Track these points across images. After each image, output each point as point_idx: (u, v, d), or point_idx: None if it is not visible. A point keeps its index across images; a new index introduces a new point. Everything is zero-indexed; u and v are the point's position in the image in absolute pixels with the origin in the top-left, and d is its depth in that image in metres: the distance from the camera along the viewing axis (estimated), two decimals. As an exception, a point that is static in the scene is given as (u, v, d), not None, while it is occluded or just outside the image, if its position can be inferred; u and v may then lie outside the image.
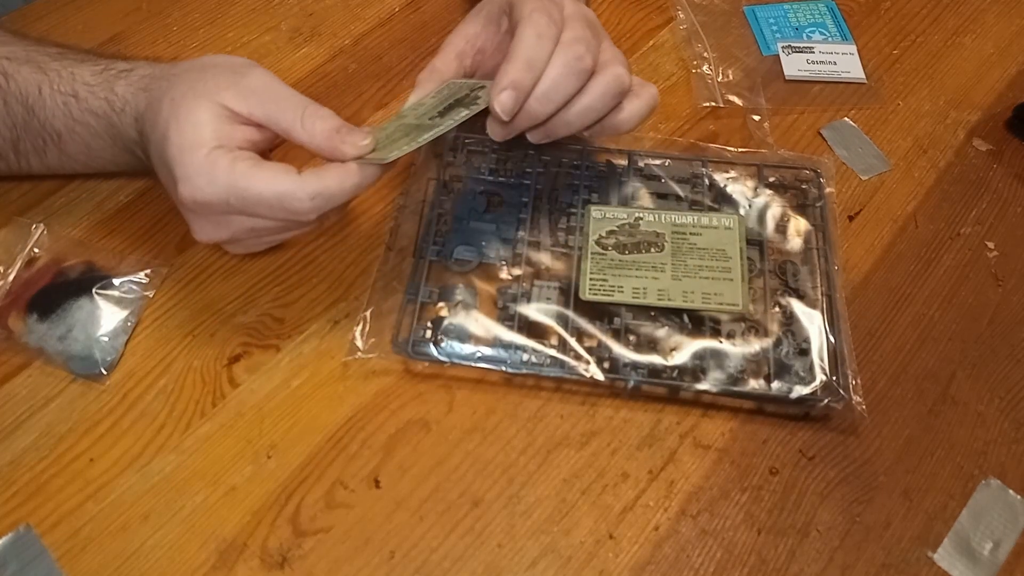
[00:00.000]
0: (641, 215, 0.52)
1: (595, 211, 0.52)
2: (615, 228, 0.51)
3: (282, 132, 0.43)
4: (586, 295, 0.49)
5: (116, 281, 0.50)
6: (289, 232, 0.46)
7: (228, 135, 0.42)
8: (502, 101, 0.44)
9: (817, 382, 0.47)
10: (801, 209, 0.54)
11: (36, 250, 0.51)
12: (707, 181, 0.55)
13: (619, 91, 0.47)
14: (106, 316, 0.48)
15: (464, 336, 0.48)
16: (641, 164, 0.55)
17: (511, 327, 0.48)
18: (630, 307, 0.49)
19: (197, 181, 0.41)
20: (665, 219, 0.52)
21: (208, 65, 0.45)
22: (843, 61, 0.64)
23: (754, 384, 0.47)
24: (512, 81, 0.44)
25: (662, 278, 0.49)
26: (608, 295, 0.49)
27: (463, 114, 0.45)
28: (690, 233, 0.51)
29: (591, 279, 0.49)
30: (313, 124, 0.43)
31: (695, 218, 0.52)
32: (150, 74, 0.46)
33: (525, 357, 0.47)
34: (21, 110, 0.47)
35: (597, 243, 0.51)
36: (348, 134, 0.43)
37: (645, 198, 0.54)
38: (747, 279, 0.49)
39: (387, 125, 0.47)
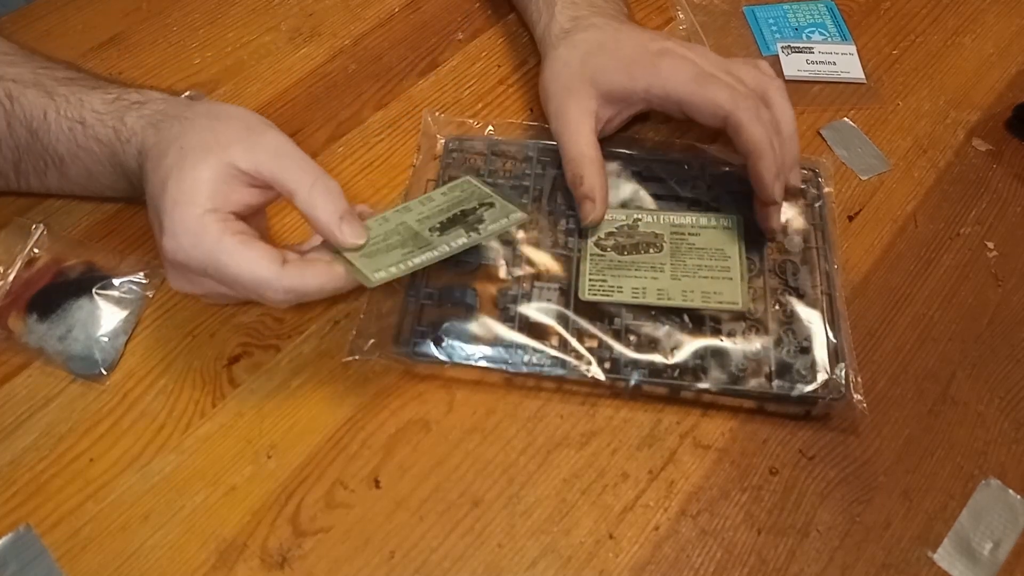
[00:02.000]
0: (639, 216, 0.52)
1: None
2: (613, 230, 0.51)
3: (287, 193, 0.43)
4: (585, 295, 0.49)
5: (116, 281, 0.50)
6: (256, 299, 0.45)
7: (225, 198, 0.42)
8: (779, 192, 0.49)
9: (818, 381, 0.47)
10: (800, 209, 0.54)
11: (36, 250, 0.51)
12: (707, 182, 0.55)
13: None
14: (106, 316, 0.48)
15: (464, 336, 0.48)
16: (641, 164, 0.55)
17: (511, 327, 0.48)
18: (630, 307, 0.49)
19: (182, 240, 0.41)
20: (664, 220, 0.52)
21: (223, 115, 0.44)
22: (843, 61, 0.64)
23: (755, 383, 0.47)
24: (777, 173, 0.48)
25: (661, 278, 0.49)
26: (608, 295, 0.49)
27: (462, 242, 0.44)
28: (688, 233, 0.51)
29: (590, 280, 0.49)
30: (319, 199, 0.42)
31: (694, 218, 0.52)
32: (163, 110, 0.46)
33: (525, 357, 0.47)
34: (24, 133, 0.47)
35: (596, 244, 0.51)
36: (349, 224, 0.42)
37: (645, 199, 0.54)
38: (746, 278, 0.49)
39: (388, 216, 0.46)
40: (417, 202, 0.48)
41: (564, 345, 0.48)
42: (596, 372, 0.47)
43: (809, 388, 0.47)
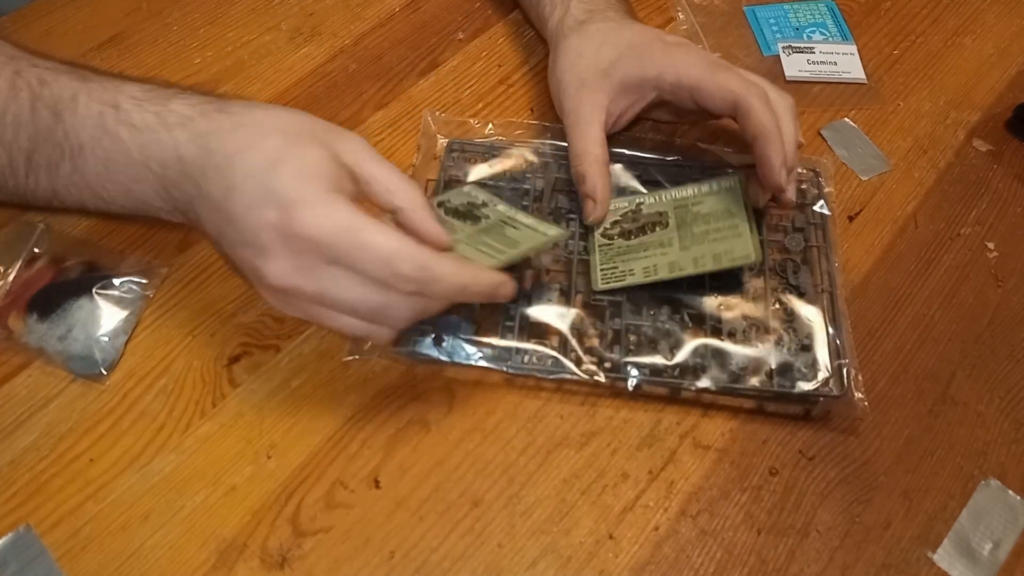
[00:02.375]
0: (642, 200, 0.52)
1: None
2: (618, 218, 0.52)
3: (382, 188, 0.41)
4: (599, 286, 0.49)
5: (116, 281, 0.50)
6: (362, 324, 0.41)
7: (342, 183, 0.40)
8: (784, 178, 0.48)
9: (818, 379, 0.47)
10: (801, 208, 0.54)
11: (36, 250, 0.51)
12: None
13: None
14: (106, 316, 0.48)
15: (464, 337, 0.48)
16: (639, 168, 0.55)
17: (512, 328, 0.48)
18: (634, 301, 0.49)
19: (318, 209, 0.38)
20: (666, 197, 0.52)
21: (301, 114, 0.42)
22: (843, 61, 0.64)
23: (755, 381, 0.47)
24: (783, 161, 0.48)
25: (671, 251, 0.49)
26: (620, 280, 0.49)
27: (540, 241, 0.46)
28: (692, 204, 0.51)
29: (602, 270, 0.50)
30: (412, 192, 0.41)
31: (695, 188, 0.52)
32: (220, 102, 0.43)
33: (526, 358, 0.47)
34: (47, 115, 0.44)
35: (603, 235, 0.51)
36: (432, 228, 0.41)
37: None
38: (755, 231, 0.49)
39: (489, 208, 0.48)
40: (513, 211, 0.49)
41: (564, 345, 0.48)
42: (596, 372, 0.47)
43: (810, 386, 0.47)
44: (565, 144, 0.56)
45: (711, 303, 0.49)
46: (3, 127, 0.44)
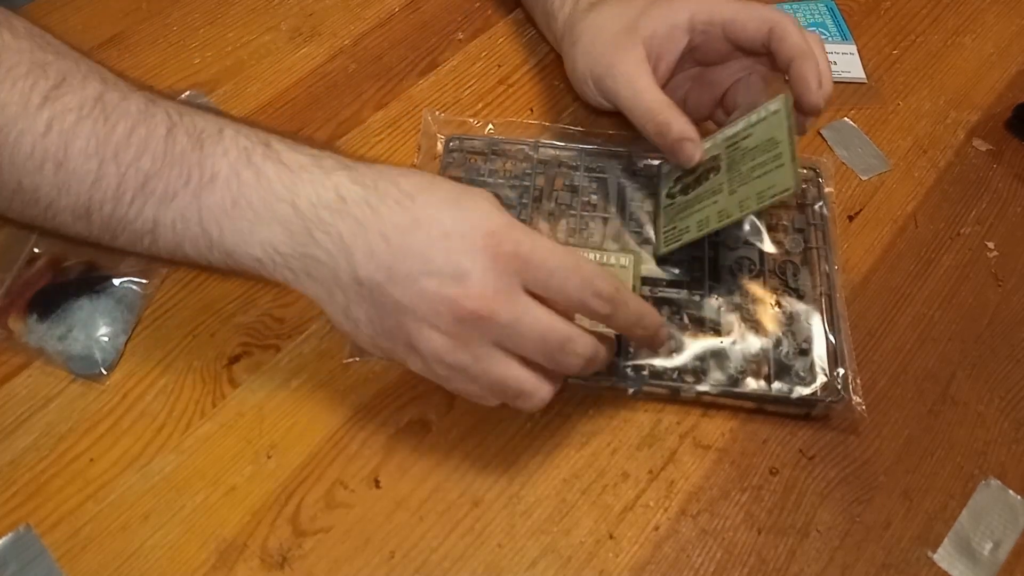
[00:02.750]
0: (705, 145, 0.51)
1: (664, 166, 0.53)
2: (679, 173, 0.51)
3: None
4: (661, 250, 0.50)
5: (116, 281, 0.50)
6: (530, 378, 0.39)
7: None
8: (822, 98, 0.48)
9: (817, 382, 0.47)
10: (800, 208, 0.54)
11: (36, 250, 0.50)
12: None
13: None
14: (106, 316, 0.48)
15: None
16: (640, 164, 0.55)
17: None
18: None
19: (529, 235, 0.37)
20: (720, 139, 0.50)
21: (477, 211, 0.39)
22: (843, 61, 0.64)
23: (754, 384, 0.47)
24: (822, 72, 0.48)
25: (720, 199, 0.48)
26: (678, 239, 0.49)
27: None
28: (742, 139, 0.49)
29: (664, 233, 0.50)
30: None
31: (745, 121, 0.50)
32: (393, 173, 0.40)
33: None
34: (186, 141, 0.39)
35: (667, 195, 0.51)
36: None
37: (644, 199, 0.54)
38: (797, 158, 0.46)
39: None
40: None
41: (564, 345, 0.48)
42: (598, 379, 0.46)
43: (808, 391, 0.47)
44: (564, 144, 0.56)
45: (711, 305, 0.49)
46: (126, 147, 0.39)
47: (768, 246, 0.52)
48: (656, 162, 0.55)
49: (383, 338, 0.39)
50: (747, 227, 0.53)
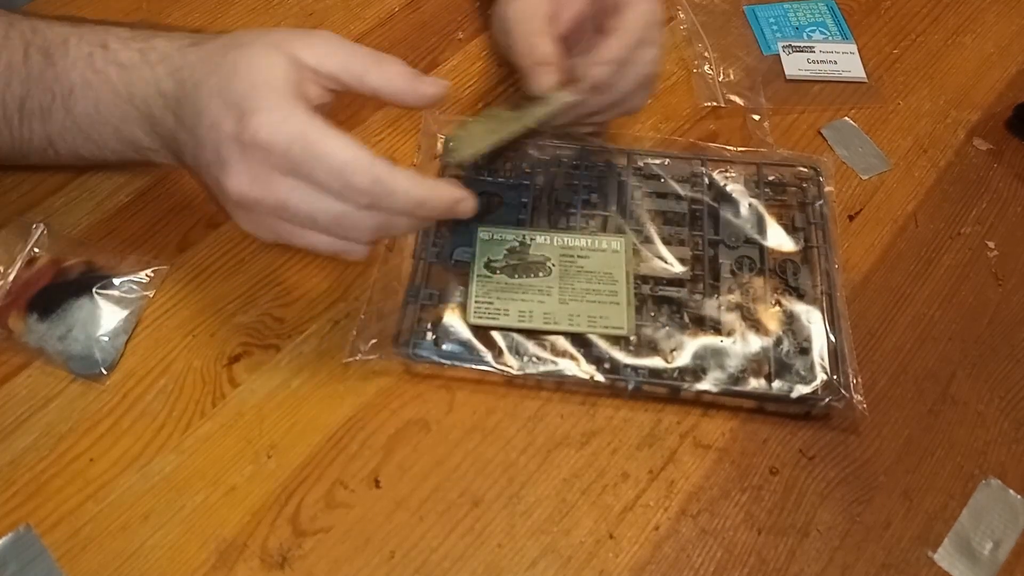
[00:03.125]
0: (532, 236, 0.51)
1: (482, 232, 0.51)
2: (505, 251, 0.50)
3: (355, 79, 0.41)
4: (471, 319, 0.48)
5: (116, 281, 0.50)
6: (329, 239, 0.41)
7: (303, 88, 0.40)
8: (596, 75, 0.46)
9: (818, 381, 0.47)
10: (801, 208, 0.54)
11: (36, 250, 0.51)
12: (707, 180, 0.55)
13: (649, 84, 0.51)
14: (106, 316, 0.48)
15: (464, 338, 0.48)
16: (640, 163, 0.55)
17: (512, 329, 0.48)
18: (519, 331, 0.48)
19: (272, 115, 0.38)
20: (555, 242, 0.51)
21: (270, 29, 0.44)
22: (843, 60, 0.64)
23: (755, 383, 0.47)
24: (616, 58, 0.47)
25: (548, 302, 0.48)
26: (493, 318, 0.48)
27: (541, 111, 0.46)
28: (578, 256, 0.50)
29: (476, 302, 0.48)
30: (389, 67, 0.41)
31: (586, 240, 0.51)
32: (196, 37, 0.44)
33: (525, 359, 0.47)
34: (39, 59, 0.44)
35: (486, 266, 0.50)
36: (424, 79, 0.42)
37: (644, 198, 0.54)
38: (632, 303, 0.48)
39: (469, 124, 0.48)
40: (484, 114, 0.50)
41: (564, 346, 0.48)
42: (595, 374, 0.47)
43: (808, 389, 0.47)
44: (563, 143, 0.56)
45: (711, 304, 0.49)
46: None
47: (771, 241, 0.52)
48: (656, 161, 0.55)
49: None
50: (748, 226, 0.53)
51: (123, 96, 0.43)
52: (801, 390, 0.47)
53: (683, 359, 0.47)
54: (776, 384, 0.47)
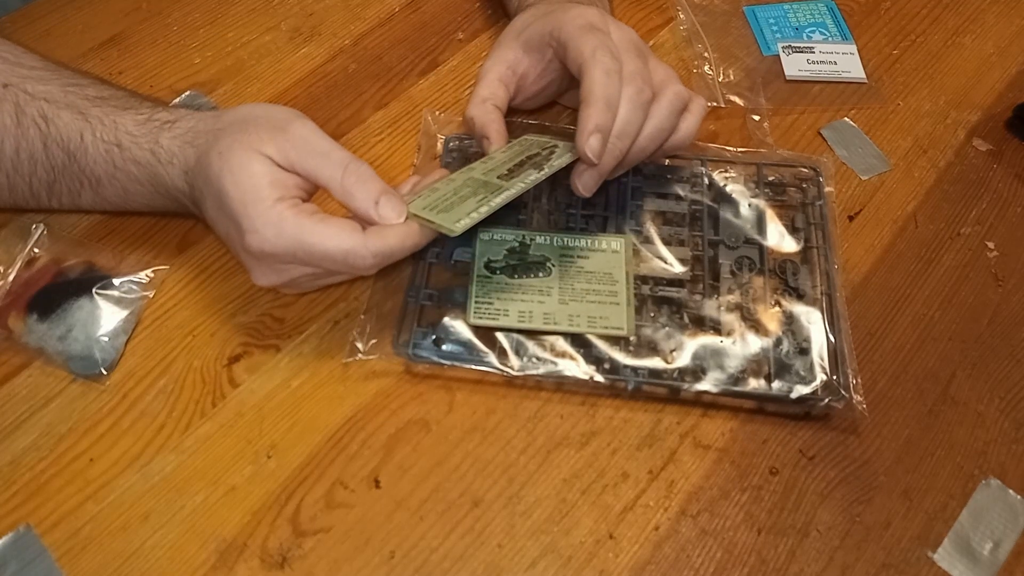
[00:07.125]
0: (532, 236, 0.51)
1: (482, 232, 0.51)
2: (505, 251, 0.51)
3: (322, 187, 0.45)
4: (471, 319, 0.48)
5: (116, 281, 0.50)
6: (346, 277, 0.49)
7: (284, 184, 0.43)
8: (592, 145, 0.46)
9: (817, 381, 0.47)
10: (801, 208, 0.54)
11: (36, 250, 0.51)
12: (706, 180, 0.55)
13: (680, 108, 0.50)
14: (106, 316, 0.48)
15: (464, 338, 0.48)
16: (640, 163, 0.55)
17: (511, 329, 0.48)
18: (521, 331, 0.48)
19: (265, 233, 0.42)
20: (555, 242, 0.51)
21: (250, 118, 0.45)
22: (843, 61, 0.64)
23: (754, 384, 0.47)
24: (597, 125, 0.46)
25: (548, 302, 0.48)
26: (493, 319, 0.48)
27: (534, 178, 0.46)
28: (577, 256, 0.50)
29: (476, 303, 0.48)
30: (352, 188, 0.44)
31: (585, 241, 0.51)
32: (194, 127, 0.47)
33: (526, 359, 0.47)
34: (61, 155, 0.47)
35: (486, 266, 0.50)
36: (385, 205, 0.44)
37: (644, 199, 0.54)
38: (632, 303, 0.49)
39: (454, 176, 0.48)
40: (480, 162, 0.49)
41: (563, 347, 0.48)
42: (595, 374, 0.47)
43: (807, 390, 0.47)
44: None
45: (711, 304, 0.49)
46: (19, 162, 0.48)
47: (771, 241, 0.52)
48: (665, 161, 0.55)
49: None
50: (749, 226, 0.53)
51: (147, 187, 0.48)
52: (801, 390, 0.47)
53: (683, 359, 0.47)
54: (776, 384, 0.47)
